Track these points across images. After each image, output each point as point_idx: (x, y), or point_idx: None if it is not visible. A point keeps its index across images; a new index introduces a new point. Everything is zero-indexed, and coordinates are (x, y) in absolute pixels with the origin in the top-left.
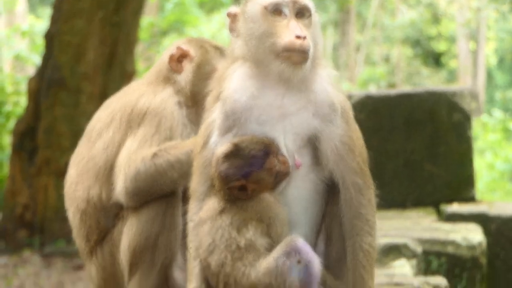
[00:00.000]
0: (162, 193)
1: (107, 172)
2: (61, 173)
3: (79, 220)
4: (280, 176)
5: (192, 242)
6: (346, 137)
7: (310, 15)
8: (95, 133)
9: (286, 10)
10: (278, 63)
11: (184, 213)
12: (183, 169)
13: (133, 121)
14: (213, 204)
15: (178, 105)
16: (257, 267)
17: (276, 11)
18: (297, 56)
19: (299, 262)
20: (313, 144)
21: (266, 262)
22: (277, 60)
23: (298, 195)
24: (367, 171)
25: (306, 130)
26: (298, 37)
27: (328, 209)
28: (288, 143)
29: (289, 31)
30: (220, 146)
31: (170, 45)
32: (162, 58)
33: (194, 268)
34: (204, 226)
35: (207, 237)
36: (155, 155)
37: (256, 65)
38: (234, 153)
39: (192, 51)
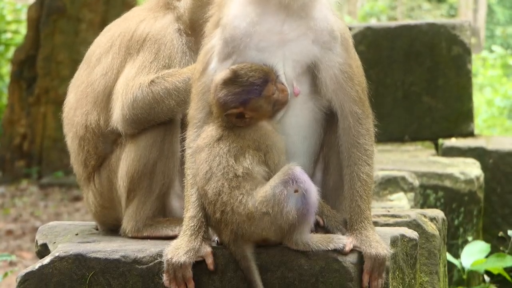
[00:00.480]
0: (159, 120)
1: (106, 98)
2: (60, 102)
3: (77, 145)
4: (279, 104)
5: (189, 170)
6: (346, 65)
7: None
8: (95, 59)
9: None
10: None
11: (182, 139)
12: (181, 96)
13: (132, 47)
14: (211, 131)
15: (178, 32)
16: (254, 195)
17: None
18: None
19: (296, 191)
20: (312, 72)
21: (263, 191)
22: None
23: (296, 123)
24: (366, 100)
25: (306, 57)
26: None
27: (326, 138)
28: (287, 70)
29: None
30: (219, 72)
31: None
32: None
33: (191, 196)
34: (201, 154)
35: (204, 165)
36: (152, 82)
37: None
38: (233, 80)
39: None
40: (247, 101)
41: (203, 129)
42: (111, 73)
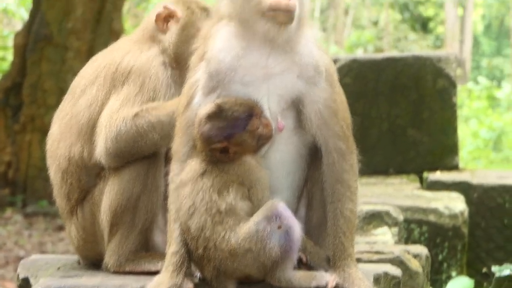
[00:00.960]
0: (143, 154)
1: (90, 130)
2: (46, 130)
3: (60, 178)
4: (263, 139)
5: (172, 204)
6: (330, 101)
7: None
8: (79, 90)
9: None
10: (263, 23)
11: (166, 174)
12: (165, 130)
13: (117, 79)
14: (194, 165)
15: (163, 65)
16: (237, 231)
17: None
18: (282, 15)
19: (279, 227)
20: (297, 106)
21: (247, 227)
22: (263, 20)
23: (280, 158)
24: (350, 136)
25: (290, 92)
26: None
27: (310, 174)
28: (271, 105)
29: None
30: (204, 106)
31: (159, 3)
32: (149, 16)
33: (173, 231)
34: (185, 188)
35: (188, 200)
36: (136, 115)
37: (241, 24)
38: (217, 114)
39: (179, 11)
40: (231, 136)
41: (187, 163)
42: (96, 105)
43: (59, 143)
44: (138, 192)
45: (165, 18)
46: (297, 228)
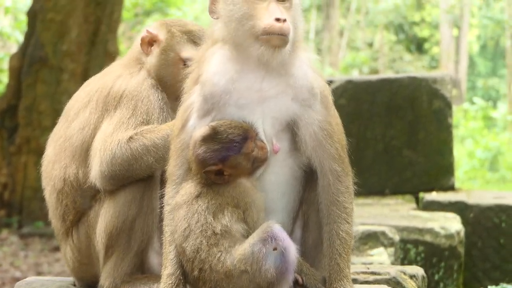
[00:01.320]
0: (138, 177)
1: (84, 153)
2: (41, 152)
3: (55, 199)
4: (258, 162)
5: (167, 227)
6: (325, 123)
7: None
8: (73, 113)
9: None
10: (257, 46)
11: (161, 196)
12: (159, 153)
13: (109, 103)
14: (189, 188)
15: (153, 88)
16: (233, 253)
17: None
18: (276, 39)
19: (275, 249)
20: (291, 129)
21: (242, 249)
22: (257, 43)
23: (275, 180)
24: (345, 157)
25: (285, 115)
26: (277, 19)
27: (305, 195)
28: (266, 128)
29: (268, 14)
30: (198, 129)
31: (145, 27)
32: (137, 40)
33: (169, 254)
34: (180, 211)
35: (183, 222)
36: (130, 138)
37: (236, 47)
38: (212, 137)
39: (161, 35)
40: (226, 158)
41: (181, 186)
42: (88, 128)
43: (54, 164)
44: (134, 214)
45: (149, 42)
46: (292, 249)
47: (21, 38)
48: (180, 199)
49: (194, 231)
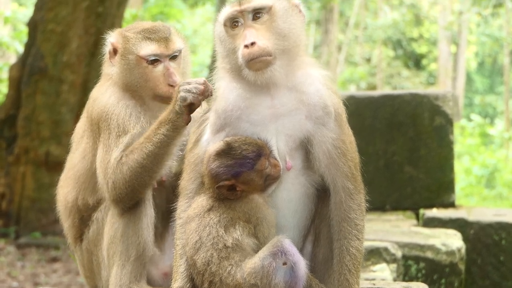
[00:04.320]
0: (147, 189)
1: (88, 179)
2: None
3: (62, 217)
4: (270, 179)
5: (179, 240)
6: (339, 141)
7: (269, 10)
8: (75, 143)
9: (241, 20)
10: (247, 72)
11: (174, 209)
12: (150, 171)
13: (94, 130)
14: (201, 201)
15: (122, 100)
16: (243, 267)
17: (232, 24)
18: (253, 64)
19: (284, 263)
20: (305, 146)
21: (252, 262)
22: (245, 70)
23: (287, 197)
24: (358, 175)
25: (299, 132)
26: (246, 46)
27: (318, 211)
28: (280, 145)
29: (242, 42)
30: (212, 144)
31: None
32: (105, 55)
33: (179, 267)
34: (191, 223)
35: (194, 235)
36: (120, 162)
37: (237, 75)
38: (226, 152)
39: (117, 42)
40: (239, 174)
41: (194, 200)
42: (88, 157)
43: (59, 189)
44: (126, 222)
45: (114, 52)
46: (302, 264)
47: (20, 48)
48: (192, 212)
49: (205, 244)
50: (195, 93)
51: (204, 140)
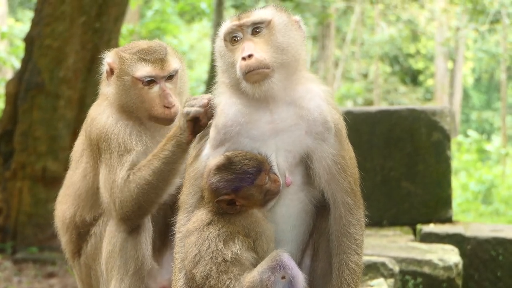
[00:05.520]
0: (153, 208)
1: (88, 197)
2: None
3: (60, 233)
4: (270, 194)
5: (178, 254)
6: (339, 157)
7: (268, 24)
8: (74, 162)
9: (240, 34)
10: (245, 85)
11: (173, 223)
12: (157, 188)
13: (94, 151)
14: (201, 215)
15: (120, 121)
16: (242, 281)
17: (232, 38)
18: (250, 76)
19: (283, 277)
20: (305, 162)
21: (251, 276)
22: (243, 83)
23: (286, 213)
24: (358, 191)
25: (299, 148)
26: (243, 58)
27: (316, 225)
28: (280, 161)
29: (241, 55)
30: (212, 159)
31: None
32: (103, 75)
33: (178, 280)
34: (191, 237)
35: (193, 248)
36: (127, 180)
37: (237, 88)
38: (226, 166)
39: (114, 63)
40: (239, 189)
41: (194, 214)
42: (89, 176)
43: (57, 205)
44: (124, 236)
45: (111, 72)
46: (300, 278)
47: (17, 63)
48: (191, 226)
49: (204, 258)
50: (197, 106)
51: (204, 155)
